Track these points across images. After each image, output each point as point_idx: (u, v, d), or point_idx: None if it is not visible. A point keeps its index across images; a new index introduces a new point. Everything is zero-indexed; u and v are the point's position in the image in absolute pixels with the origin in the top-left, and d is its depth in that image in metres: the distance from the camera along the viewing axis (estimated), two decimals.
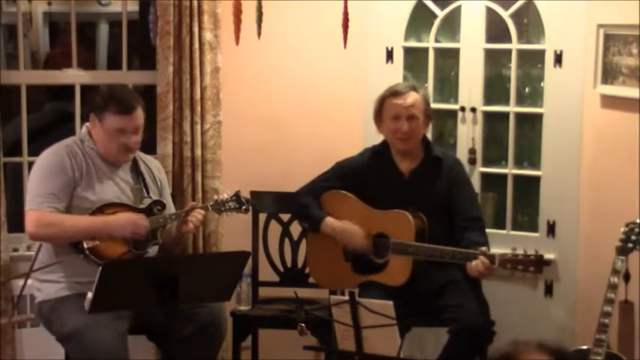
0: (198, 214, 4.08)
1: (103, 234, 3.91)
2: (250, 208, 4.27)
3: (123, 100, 3.98)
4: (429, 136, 4.49)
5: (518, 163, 4.61)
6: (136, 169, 4.11)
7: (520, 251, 3.80)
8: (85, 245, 3.89)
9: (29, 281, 3.56)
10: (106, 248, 3.90)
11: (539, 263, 3.75)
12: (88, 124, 4.07)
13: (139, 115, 4.00)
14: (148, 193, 4.09)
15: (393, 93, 4.19)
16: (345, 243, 4.20)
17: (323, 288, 4.40)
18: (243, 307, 4.41)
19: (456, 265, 3.97)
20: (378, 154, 4.28)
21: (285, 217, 4.61)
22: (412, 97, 4.16)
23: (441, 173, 4.20)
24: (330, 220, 4.23)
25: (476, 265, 3.84)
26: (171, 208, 4.19)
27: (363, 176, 4.26)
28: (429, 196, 4.16)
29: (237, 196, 4.18)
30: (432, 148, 4.26)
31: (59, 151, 4.00)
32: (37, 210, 3.88)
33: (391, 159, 4.25)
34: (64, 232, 3.88)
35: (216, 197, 4.25)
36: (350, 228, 4.18)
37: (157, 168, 4.25)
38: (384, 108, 4.20)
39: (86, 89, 4.69)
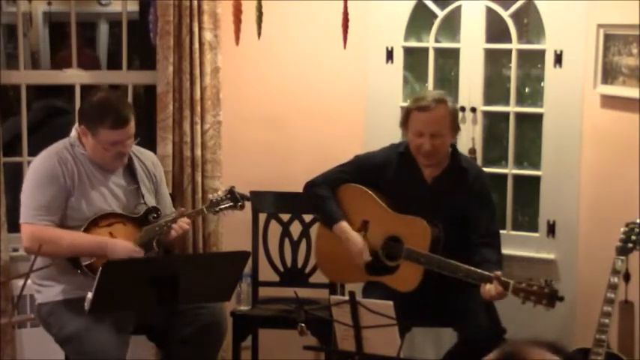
0: (182, 223, 4.01)
1: (98, 255, 3.86)
2: (245, 203, 4.18)
3: (115, 114, 3.86)
4: None
5: (518, 163, 4.61)
6: (129, 168, 4.05)
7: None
8: (82, 262, 3.87)
9: (29, 282, 3.57)
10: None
11: (552, 297, 3.61)
12: (77, 126, 3.99)
13: (132, 125, 3.91)
14: (143, 197, 4.03)
15: (419, 107, 4.02)
16: (345, 248, 4.14)
17: (329, 280, 4.39)
18: (243, 307, 4.40)
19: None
20: (404, 154, 4.14)
21: (285, 217, 4.61)
22: (439, 113, 3.99)
23: (464, 184, 4.08)
24: (344, 226, 4.14)
25: (489, 289, 3.74)
26: (167, 204, 4.17)
27: (386, 175, 4.15)
28: (448, 205, 4.06)
29: (231, 193, 4.09)
30: (460, 159, 4.13)
31: (50, 159, 3.92)
32: (32, 224, 3.85)
33: (415, 163, 4.11)
34: (60, 249, 3.84)
35: (210, 197, 4.17)
36: (354, 248, 4.11)
37: (151, 162, 4.18)
38: (409, 120, 4.05)
39: (85, 89, 4.70)
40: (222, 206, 4.08)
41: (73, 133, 4.02)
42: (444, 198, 4.07)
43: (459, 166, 4.11)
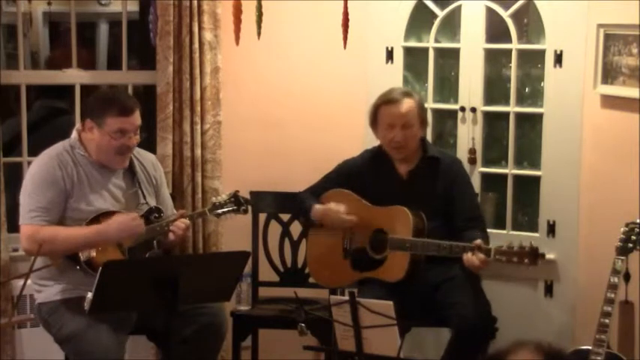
0: (181, 224, 4.02)
1: (100, 244, 3.88)
2: (249, 208, 4.24)
3: (122, 102, 3.94)
4: (429, 136, 4.50)
5: (518, 163, 4.61)
6: (130, 171, 4.06)
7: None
8: (82, 258, 3.87)
9: (29, 282, 3.56)
10: (101, 260, 3.78)
11: (533, 255, 3.76)
12: (78, 127, 4.00)
13: (138, 115, 3.97)
14: (144, 197, 4.04)
15: (386, 101, 4.19)
16: (330, 223, 4.21)
17: (323, 287, 4.40)
18: (243, 307, 4.41)
19: (456, 261, 3.98)
20: (377, 156, 4.28)
21: (285, 217, 4.61)
22: (406, 105, 4.15)
23: (440, 173, 4.21)
24: (316, 206, 4.24)
25: (472, 258, 3.86)
26: (168, 205, 4.17)
27: (363, 178, 4.27)
28: (427, 196, 4.17)
29: (235, 197, 4.14)
30: (428, 149, 4.26)
31: (50, 162, 3.93)
32: (30, 225, 3.85)
33: (389, 161, 4.25)
34: (59, 247, 3.83)
35: (214, 200, 4.20)
36: (329, 207, 4.19)
37: (151, 164, 4.18)
38: (378, 116, 4.21)
39: (85, 89, 4.70)
40: (225, 209, 4.12)
41: (74, 134, 4.02)
42: (421, 190, 4.18)
43: (432, 157, 4.23)
